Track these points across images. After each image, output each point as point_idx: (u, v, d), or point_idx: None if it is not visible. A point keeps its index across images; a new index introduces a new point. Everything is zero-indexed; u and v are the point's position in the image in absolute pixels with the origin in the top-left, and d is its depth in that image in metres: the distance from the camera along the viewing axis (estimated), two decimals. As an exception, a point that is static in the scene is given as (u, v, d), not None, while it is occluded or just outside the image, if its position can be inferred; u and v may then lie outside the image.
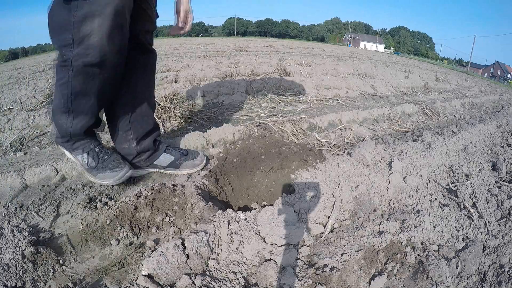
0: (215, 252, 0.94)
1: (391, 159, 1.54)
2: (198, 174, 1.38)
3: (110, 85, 1.12)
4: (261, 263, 0.93)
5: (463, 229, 1.18)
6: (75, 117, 1.10)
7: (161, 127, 1.95)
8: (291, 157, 1.49)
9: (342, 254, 0.97)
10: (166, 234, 1.05)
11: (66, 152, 1.22)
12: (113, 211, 1.06)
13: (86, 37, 0.93)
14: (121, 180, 1.23)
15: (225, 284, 0.85)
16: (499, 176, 1.68)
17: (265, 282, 0.88)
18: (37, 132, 1.85)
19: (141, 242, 1.01)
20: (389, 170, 1.44)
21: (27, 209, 1.11)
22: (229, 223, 0.99)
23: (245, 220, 1.01)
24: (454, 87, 5.89)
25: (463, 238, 1.13)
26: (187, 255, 0.88)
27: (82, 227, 1.01)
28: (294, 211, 1.11)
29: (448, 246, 1.09)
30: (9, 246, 0.89)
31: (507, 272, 0.98)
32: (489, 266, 1.01)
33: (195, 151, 1.46)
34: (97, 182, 1.22)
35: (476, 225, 1.21)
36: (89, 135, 1.21)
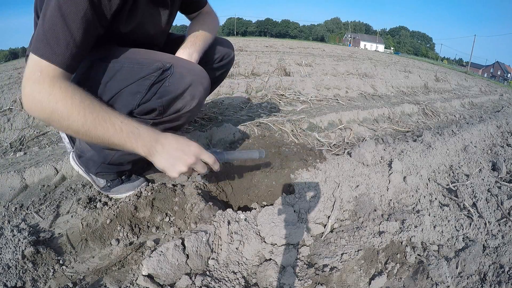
0: (215, 252, 0.94)
1: (391, 159, 1.54)
2: (198, 174, 1.38)
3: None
4: (261, 263, 0.93)
5: (463, 229, 1.18)
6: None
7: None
8: (291, 157, 1.49)
9: (342, 254, 0.97)
10: (166, 234, 1.05)
11: (81, 172, 1.23)
12: (113, 211, 1.06)
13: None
14: (135, 191, 1.20)
15: (225, 284, 0.85)
16: (499, 176, 1.68)
17: (265, 282, 0.88)
18: (37, 132, 1.85)
19: (141, 242, 1.01)
20: (389, 170, 1.44)
21: (27, 209, 1.11)
22: (229, 223, 0.99)
23: (245, 220, 1.01)
24: (454, 87, 5.90)
25: (463, 238, 1.13)
26: (187, 255, 0.88)
27: (82, 227, 1.01)
28: (294, 211, 1.11)
29: (448, 246, 1.09)
30: (9, 246, 0.89)
31: (507, 272, 0.98)
32: (489, 266, 1.01)
33: None
34: (110, 196, 1.22)
35: (476, 225, 1.21)
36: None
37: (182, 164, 0.88)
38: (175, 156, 0.88)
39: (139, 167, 1.36)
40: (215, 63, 1.31)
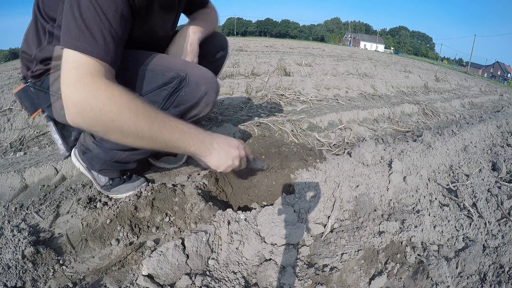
0: (215, 252, 0.94)
1: (391, 159, 1.54)
2: (198, 174, 1.38)
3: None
4: (261, 263, 0.93)
5: (463, 229, 1.18)
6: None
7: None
8: (291, 157, 1.49)
9: (342, 254, 0.97)
10: (166, 234, 1.05)
11: (82, 169, 1.20)
12: (113, 211, 1.06)
13: None
14: (135, 191, 1.20)
15: (225, 284, 0.85)
16: (499, 176, 1.68)
17: (265, 282, 0.88)
18: (37, 132, 1.85)
19: (141, 242, 1.01)
20: (389, 170, 1.44)
21: (27, 209, 1.11)
22: (229, 223, 0.99)
23: (245, 220, 1.01)
24: (454, 87, 5.90)
25: (463, 238, 1.13)
26: (187, 255, 0.88)
27: (82, 227, 1.01)
28: (294, 211, 1.11)
29: (448, 246, 1.09)
30: (9, 246, 0.89)
31: (507, 272, 0.98)
32: (489, 266, 1.01)
33: None
34: (110, 196, 1.22)
35: (476, 225, 1.21)
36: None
37: (233, 158, 0.96)
38: (227, 152, 0.94)
39: (139, 167, 1.36)
40: (212, 57, 1.34)
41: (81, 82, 0.68)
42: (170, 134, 0.80)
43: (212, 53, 1.33)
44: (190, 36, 1.14)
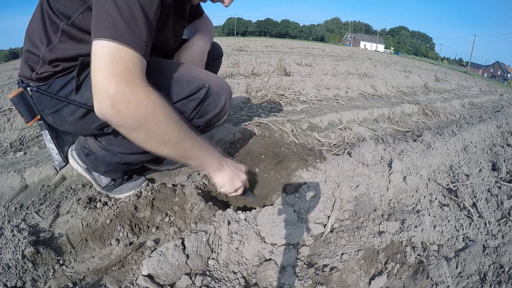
0: (215, 252, 0.94)
1: (391, 159, 1.54)
2: (198, 174, 1.38)
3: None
4: (261, 263, 0.93)
5: (463, 229, 1.18)
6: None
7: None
8: (291, 157, 1.48)
9: (342, 254, 0.97)
10: (166, 234, 1.05)
11: (80, 170, 1.18)
12: (113, 211, 1.06)
13: None
14: (137, 190, 1.20)
15: (225, 284, 0.84)
16: (499, 176, 1.68)
17: (265, 282, 0.88)
18: (37, 132, 1.85)
19: (141, 242, 1.01)
20: (389, 170, 1.44)
21: (27, 209, 1.11)
22: (229, 223, 0.98)
23: (245, 220, 1.01)
24: (454, 87, 5.90)
25: (463, 238, 1.13)
26: (187, 255, 0.88)
27: (82, 227, 1.01)
28: (294, 211, 1.11)
29: (448, 246, 1.09)
30: (9, 246, 0.89)
31: (507, 272, 0.98)
32: (489, 266, 1.01)
33: None
34: (111, 195, 1.21)
35: (476, 225, 1.21)
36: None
37: (239, 180, 1.02)
38: (234, 173, 1.01)
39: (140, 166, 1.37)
40: (211, 61, 1.38)
41: (120, 75, 0.65)
42: (192, 144, 0.83)
43: (211, 58, 1.37)
44: (203, 46, 1.19)
